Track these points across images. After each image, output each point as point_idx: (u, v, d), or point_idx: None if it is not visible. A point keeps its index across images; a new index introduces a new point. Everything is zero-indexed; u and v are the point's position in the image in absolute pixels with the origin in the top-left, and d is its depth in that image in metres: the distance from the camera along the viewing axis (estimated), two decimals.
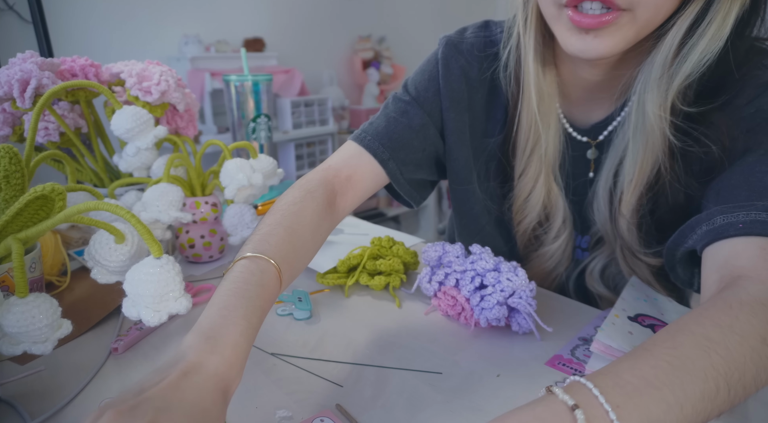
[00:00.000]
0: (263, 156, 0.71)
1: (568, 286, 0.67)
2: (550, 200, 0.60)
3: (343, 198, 0.56)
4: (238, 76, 0.86)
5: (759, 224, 0.41)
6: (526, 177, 0.60)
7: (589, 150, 0.59)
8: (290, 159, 2.36)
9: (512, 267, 0.53)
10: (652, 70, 0.47)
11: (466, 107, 0.62)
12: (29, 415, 0.41)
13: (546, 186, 0.59)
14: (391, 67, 2.82)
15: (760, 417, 0.41)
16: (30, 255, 0.48)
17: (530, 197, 0.60)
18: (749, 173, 0.45)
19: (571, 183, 0.61)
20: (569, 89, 0.58)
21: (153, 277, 0.43)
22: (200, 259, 0.72)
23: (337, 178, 0.56)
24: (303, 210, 0.48)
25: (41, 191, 0.40)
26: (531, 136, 0.58)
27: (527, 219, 0.62)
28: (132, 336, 0.52)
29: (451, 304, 0.55)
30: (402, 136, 0.60)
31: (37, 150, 0.73)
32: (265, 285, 0.39)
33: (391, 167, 0.60)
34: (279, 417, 0.41)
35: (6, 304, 0.39)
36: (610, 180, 0.56)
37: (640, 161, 0.52)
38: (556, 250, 0.62)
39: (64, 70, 0.73)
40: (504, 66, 0.59)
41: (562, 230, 0.61)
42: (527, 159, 0.59)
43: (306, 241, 0.47)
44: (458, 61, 0.61)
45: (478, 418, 0.41)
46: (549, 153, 0.58)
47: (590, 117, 0.59)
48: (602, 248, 0.61)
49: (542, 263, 0.65)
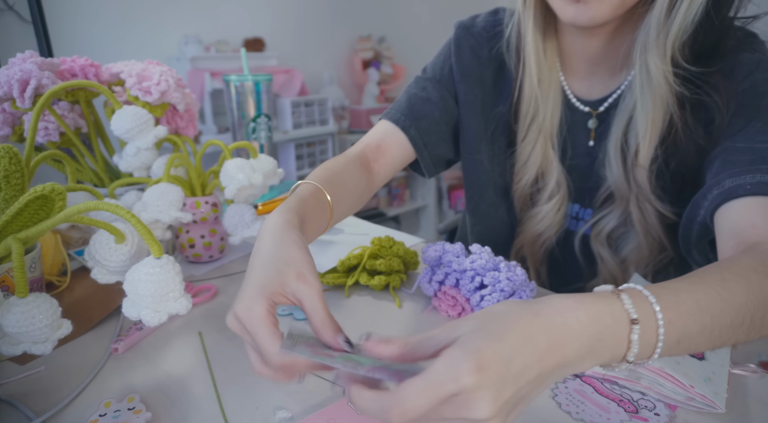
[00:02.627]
0: (263, 156, 0.71)
1: (556, 251, 0.71)
2: (546, 163, 0.66)
3: (376, 163, 0.65)
4: (238, 76, 0.86)
5: (765, 185, 0.46)
6: (526, 142, 0.66)
7: (590, 120, 0.65)
8: (290, 159, 2.36)
9: (512, 266, 0.53)
10: (650, 31, 0.52)
11: (477, 82, 0.69)
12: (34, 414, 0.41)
13: (543, 150, 0.65)
14: (391, 67, 2.81)
15: (761, 417, 0.41)
16: (30, 255, 0.48)
17: (528, 160, 0.66)
18: (752, 141, 0.50)
19: (569, 150, 0.66)
20: (571, 62, 0.64)
21: (153, 277, 0.43)
22: (200, 259, 0.72)
23: (368, 148, 0.65)
24: (338, 163, 0.57)
25: (41, 191, 0.40)
26: (531, 105, 0.64)
27: (524, 179, 0.68)
28: (132, 336, 0.52)
29: (451, 303, 0.55)
30: (422, 108, 0.68)
31: (37, 150, 0.73)
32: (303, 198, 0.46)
33: (413, 134, 0.67)
34: (279, 417, 0.41)
35: (6, 304, 0.39)
36: (620, 139, 0.60)
37: (651, 116, 0.56)
38: (548, 212, 0.67)
39: (64, 70, 0.73)
40: (507, 41, 0.65)
41: (555, 191, 0.66)
42: (528, 126, 0.65)
43: (347, 182, 0.55)
44: (469, 41, 0.69)
45: None
46: (548, 121, 0.64)
47: (592, 90, 0.64)
48: (611, 207, 0.64)
49: (534, 225, 0.69)
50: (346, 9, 2.71)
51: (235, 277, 0.68)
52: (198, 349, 0.51)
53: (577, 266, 0.70)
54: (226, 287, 0.65)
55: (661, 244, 0.63)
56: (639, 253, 0.64)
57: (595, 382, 0.45)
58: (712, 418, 0.41)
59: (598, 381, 0.45)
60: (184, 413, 0.42)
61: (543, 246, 0.71)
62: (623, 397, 0.43)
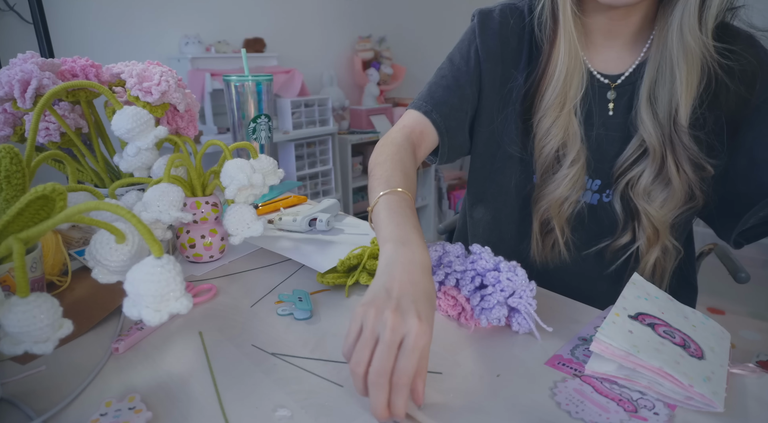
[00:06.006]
0: (263, 156, 0.72)
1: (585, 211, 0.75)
2: (569, 133, 0.70)
3: (419, 148, 0.71)
4: (238, 76, 0.86)
5: None
6: (549, 113, 0.70)
7: (608, 92, 0.71)
8: (290, 159, 2.36)
9: (512, 267, 0.53)
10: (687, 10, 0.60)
11: (499, 60, 0.74)
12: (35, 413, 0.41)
13: (566, 121, 0.70)
14: (391, 68, 2.81)
15: (759, 416, 0.41)
16: (31, 255, 0.48)
17: (552, 127, 0.70)
18: None
19: (593, 118, 0.72)
20: (592, 36, 0.71)
21: (154, 276, 0.43)
22: (201, 259, 0.72)
23: (414, 134, 0.70)
24: (403, 158, 0.63)
25: (42, 191, 0.40)
26: (560, 78, 0.68)
27: (549, 145, 0.71)
28: (133, 336, 0.52)
29: (451, 304, 0.55)
30: (442, 95, 0.74)
31: (38, 150, 0.73)
32: (409, 205, 0.53)
33: (436, 118, 0.72)
34: (279, 417, 0.41)
35: (7, 303, 0.39)
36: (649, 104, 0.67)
37: (686, 76, 0.63)
38: (572, 175, 0.71)
39: (65, 71, 0.73)
40: (539, 18, 0.70)
41: (578, 158, 0.71)
42: (553, 98, 0.69)
43: (412, 178, 0.61)
44: (491, 23, 0.75)
45: (478, 418, 0.41)
46: (572, 92, 0.69)
47: (608, 64, 0.71)
48: (644, 162, 0.69)
49: (557, 188, 0.72)
50: (346, 9, 2.71)
51: (236, 277, 0.69)
52: (198, 348, 0.51)
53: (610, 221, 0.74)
54: (227, 287, 0.65)
55: (692, 193, 0.68)
56: (671, 202, 0.69)
57: (595, 381, 0.45)
58: (711, 418, 0.41)
59: (597, 380, 0.45)
60: (185, 413, 0.42)
61: (570, 208, 0.74)
62: (622, 396, 0.43)
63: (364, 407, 0.42)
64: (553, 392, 0.44)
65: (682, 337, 0.48)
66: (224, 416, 0.41)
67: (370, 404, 0.38)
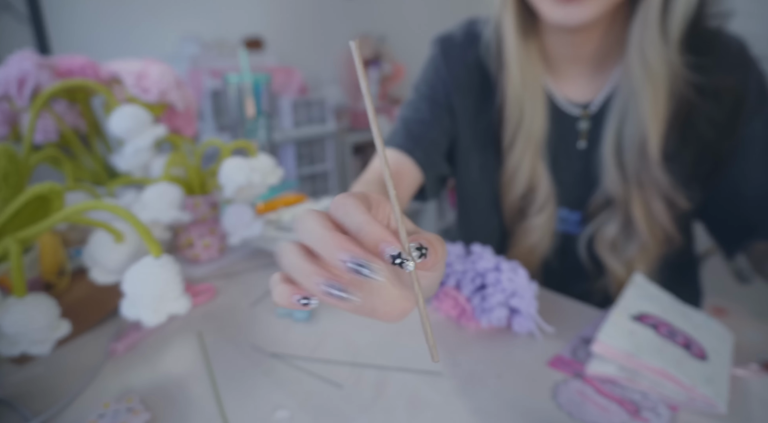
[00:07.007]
0: (262, 155, 0.71)
1: (553, 260, 0.68)
2: (535, 175, 0.64)
3: (398, 188, 0.61)
4: (237, 75, 0.86)
5: None
6: (513, 152, 0.63)
7: (580, 122, 0.63)
8: (290, 158, 2.36)
9: (513, 267, 0.53)
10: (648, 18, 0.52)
11: (468, 91, 0.67)
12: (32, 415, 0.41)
13: (531, 162, 0.63)
14: (391, 67, 2.81)
15: (762, 418, 0.41)
16: (28, 255, 0.48)
17: (517, 173, 0.64)
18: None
19: (560, 156, 0.64)
20: (557, 63, 0.62)
21: (152, 277, 0.43)
22: (199, 259, 0.72)
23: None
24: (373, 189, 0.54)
25: (39, 191, 0.40)
26: (516, 111, 0.62)
27: (513, 192, 0.66)
28: (131, 337, 0.52)
29: (452, 304, 0.55)
30: (420, 130, 0.66)
31: (36, 149, 0.73)
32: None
33: (419, 156, 0.64)
34: (279, 417, 0.41)
35: (4, 304, 0.38)
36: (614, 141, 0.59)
37: (652, 106, 0.55)
38: (540, 224, 0.65)
39: (62, 69, 0.72)
40: (486, 46, 0.63)
41: (546, 204, 0.64)
42: (514, 134, 0.63)
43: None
44: (454, 51, 0.67)
45: (478, 419, 0.41)
46: (534, 127, 0.62)
47: (581, 91, 0.63)
48: (610, 213, 0.62)
49: (527, 238, 0.67)
50: (346, 8, 2.71)
51: (235, 277, 0.68)
52: (197, 349, 0.51)
53: (579, 269, 0.68)
54: (226, 288, 0.65)
55: (668, 236, 0.61)
56: (644, 251, 0.62)
57: (596, 382, 0.45)
58: (714, 419, 0.40)
59: (599, 382, 0.45)
60: (184, 414, 0.41)
61: (539, 257, 0.68)
62: (624, 397, 0.43)
63: (364, 408, 0.42)
64: (554, 393, 0.43)
65: (684, 337, 0.47)
66: (223, 417, 0.41)
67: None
